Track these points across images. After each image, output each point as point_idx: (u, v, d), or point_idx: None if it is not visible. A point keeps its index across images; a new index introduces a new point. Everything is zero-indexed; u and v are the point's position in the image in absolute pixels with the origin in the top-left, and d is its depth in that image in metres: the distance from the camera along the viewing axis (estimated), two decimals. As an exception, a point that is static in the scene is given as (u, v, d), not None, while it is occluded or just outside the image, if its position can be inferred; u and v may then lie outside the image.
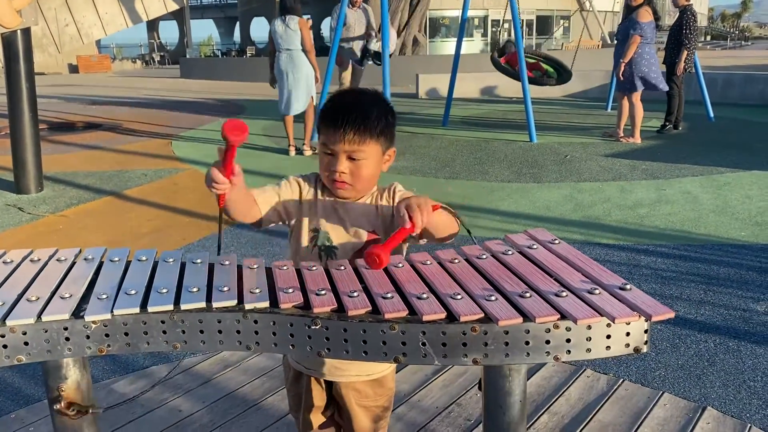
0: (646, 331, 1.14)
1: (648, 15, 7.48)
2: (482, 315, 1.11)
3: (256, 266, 1.36)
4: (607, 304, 1.10)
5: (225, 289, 1.23)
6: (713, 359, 2.86)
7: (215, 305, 1.19)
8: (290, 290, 1.23)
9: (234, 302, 1.19)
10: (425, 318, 1.12)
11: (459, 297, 1.16)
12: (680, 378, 2.71)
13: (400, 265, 1.34)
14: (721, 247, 4.23)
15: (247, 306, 1.18)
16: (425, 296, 1.18)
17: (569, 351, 1.13)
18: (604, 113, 10.65)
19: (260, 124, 10.50)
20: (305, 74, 7.42)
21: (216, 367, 2.86)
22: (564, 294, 1.14)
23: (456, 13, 22.63)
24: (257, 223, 1.58)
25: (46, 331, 1.17)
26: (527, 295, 1.14)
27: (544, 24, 31.93)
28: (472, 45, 28.60)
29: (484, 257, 1.36)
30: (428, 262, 1.34)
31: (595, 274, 1.23)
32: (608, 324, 1.11)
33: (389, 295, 1.19)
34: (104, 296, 1.22)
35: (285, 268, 1.34)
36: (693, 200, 5.32)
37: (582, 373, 2.73)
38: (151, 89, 18.88)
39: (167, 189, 6.29)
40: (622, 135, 8.05)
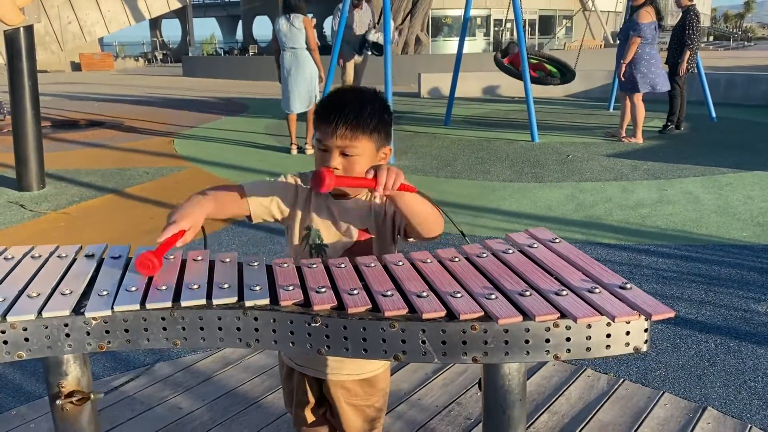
0: (647, 331, 1.14)
1: (649, 16, 7.48)
2: (482, 313, 1.11)
3: (257, 264, 1.36)
4: (608, 303, 1.10)
5: (225, 286, 1.23)
6: (714, 359, 2.86)
7: (215, 302, 1.19)
8: (290, 287, 1.23)
9: (234, 299, 1.19)
10: (425, 316, 1.12)
11: (459, 295, 1.16)
12: (681, 378, 2.71)
13: (401, 263, 1.34)
14: (723, 248, 4.22)
15: (248, 303, 1.18)
16: (425, 294, 1.18)
17: (569, 350, 1.13)
18: (606, 113, 10.64)
19: (262, 123, 10.51)
20: (309, 73, 7.43)
21: (216, 365, 2.86)
22: (564, 293, 1.14)
23: (458, 13, 22.61)
24: (248, 218, 1.58)
25: (47, 328, 1.17)
26: (527, 294, 1.14)
27: (547, 24, 31.89)
28: (475, 44, 28.58)
29: (485, 256, 1.36)
30: (428, 261, 1.34)
31: (596, 273, 1.23)
32: (608, 323, 1.11)
33: (389, 293, 1.19)
34: (105, 293, 1.22)
35: (285, 266, 1.34)
36: (694, 200, 5.32)
37: (582, 373, 2.73)
38: (154, 87, 18.89)
39: (169, 187, 6.29)
40: (624, 135, 8.05)
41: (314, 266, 1.34)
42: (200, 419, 2.46)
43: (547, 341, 1.12)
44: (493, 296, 1.15)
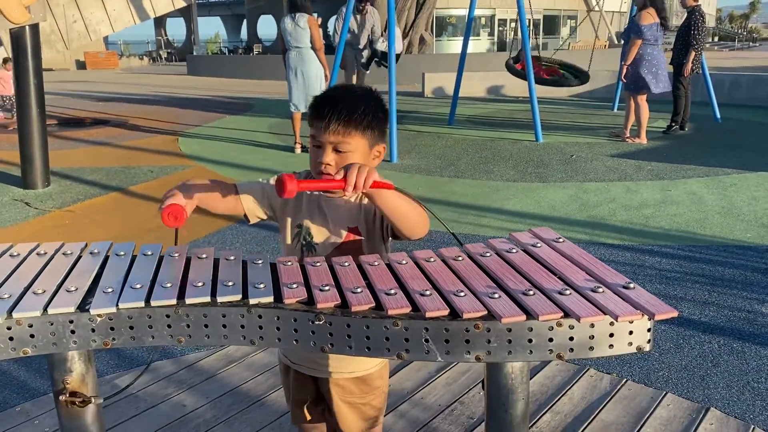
0: (650, 330, 1.14)
1: (650, 17, 7.48)
2: (485, 312, 1.11)
3: (261, 262, 1.36)
4: (611, 303, 1.10)
5: (230, 284, 1.23)
6: (717, 360, 2.85)
7: (220, 300, 1.19)
8: (294, 286, 1.23)
9: (238, 297, 1.20)
10: (428, 315, 1.12)
11: (462, 294, 1.17)
12: (684, 378, 2.71)
13: (404, 262, 1.34)
14: (727, 249, 4.21)
15: (252, 301, 1.19)
16: (428, 293, 1.18)
17: (572, 349, 1.13)
18: (611, 113, 10.62)
19: (267, 122, 10.52)
20: (314, 72, 7.44)
21: (219, 363, 2.87)
22: (567, 292, 1.14)
23: (463, 12, 22.58)
24: (245, 218, 1.61)
25: (52, 324, 1.17)
26: (531, 293, 1.15)
27: (551, 24, 31.85)
28: (479, 44, 28.57)
29: (488, 255, 1.36)
30: (432, 259, 1.35)
31: (599, 273, 1.23)
32: (611, 322, 1.11)
33: (393, 292, 1.19)
34: (110, 290, 1.23)
35: (289, 264, 1.34)
36: (698, 201, 5.31)
37: (585, 373, 2.73)
38: (158, 86, 18.93)
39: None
40: (629, 135, 8.04)
41: (318, 264, 1.34)
42: (203, 417, 2.47)
43: (551, 340, 1.12)
44: (497, 295, 1.15)
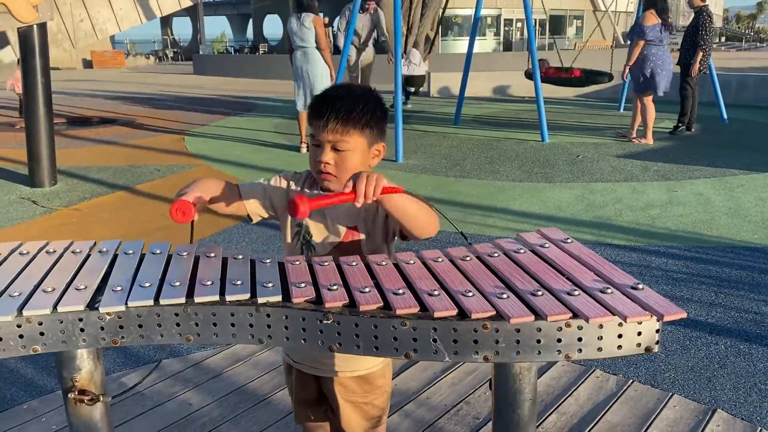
0: (658, 331, 1.14)
1: (653, 18, 7.47)
2: (494, 312, 1.11)
3: (269, 261, 1.37)
4: (619, 304, 1.10)
5: (238, 283, 1.24)
6: (724, 362, 2.85)
7: (228, 298, 1.20)
8: (303, 285, 1.23)
9: (247, 296, 1.20)
10: (436, 315, 1.12)
11: (470, 294, 1.17)
12: (690, 380, 2.70)
13: (411, 262, 1.34)
14: (733, 250, 4.20)
15: (260, 300, 1.19)
16: (437, 293, 1.18)
17: (580, 350, 1.13)
18: (617, 113, 10.60)
19: (272, 121, 10.54)
20: (320, 72, 7.43)
21: (226, 362, 2.87)
22: (576, 293, 1.14)
23: (468, 12, 22.55)
24: (247, 218, 1.62)
25: (62, 322, 1.18)
26: (539, 294, 1.15)
27: (557, 23, 31.80)
28: (485, 44, 28.53)
29: (496, 255, 1.36)
30: (439, 259, 1.35)
31: (608, 274, 1.22)
32: (620, 323, 1.11)
33: (401, 291, 1.19)
34: (119, 288, 1.23)
35: (297, 263, 1.35)
36: (705, 202, 5.29)
37: (591, 374, 2.72)
38: (164, 85, 18.97)
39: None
40: (635, 136, 8.02)
41: (326, 264, 1.34)
42: (210, 415, 2.47)
43: (559, 341, 1.12)
44: (505, 295, 1.15)
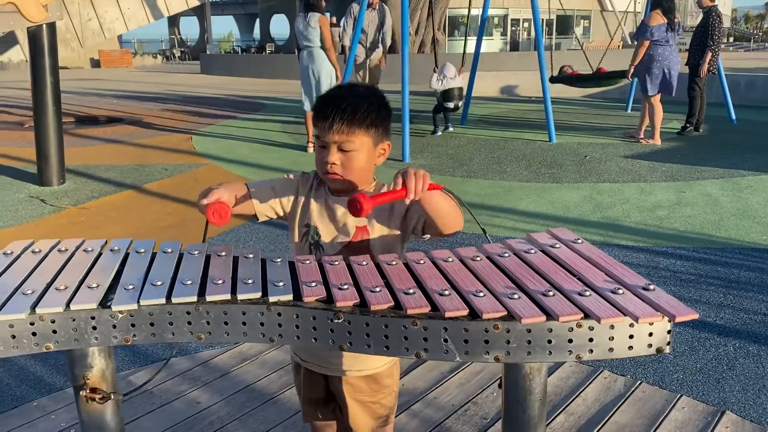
0: (669, 332, 1.13)
1: (658, 18, 7.45)
2: (505, 313, 1.11)
3: (279, 260, 1.37)
4: (631, 304, 1.10)
5: (249, 282, 1.24)
6: (733, 363, 2.83)
7: (240, 297, 1.20)
8: (313, 284, 1.24)
9: (258, 295, 1.20)
10: (447, 314, 1.12)
11: (481, 294, 1.17)
12: (699, 381, 2.69)
13: (422, 262, 1.34)
14: (742, 251, 4.18)
15: (271, 299, 1.19)
16: (447, 293, 1.18)
17: (591, 350, 1.12)
18: (624, 114, 10.57)
19: (280, 121, 10.55)
20: (326, 72, 7.43)
21: (233, 360, 2.88)
22: (587, 293, 1.14)
23: (475, 12, 22.54)
24: (254, 217, 1.62)
25: (74, 320, 1.18)
26: (550, 294, 1.14)
27: (564, 23, 31.75)
28: (492, 44, 28.50)
29: (507, 255, 1.36)
30: (450, 259, 1.35)
31: (618, 274, 1.22)
32: (631, 324, 1.11)
33: (411, 291, 1.19)
34: (131, 287, 1.24)
35: (308, 262, 1.35)
36: (713, 203, 5.27)
37: (599, 374, 2.72)
38: (172, 84, 19.03)
39: (187, 184, 6.34)
40: (643, 136, 7.99)
41: (336, 263, 1.35)
42: (217, 414, 2.48)
43: (570, 341, 1.12)
44: (516, 296, 1.15)
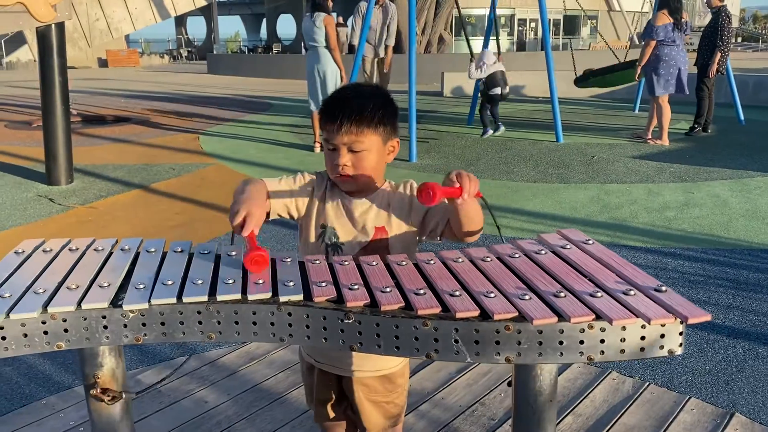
0: (681, 334, 1.13)
1: (665, 18, 7.43)
2: (516, 314, 1.11)
3: (289, 260, 1.37)
4: (642, 306, 1.10)
5: (260, 282, 1.24)
6: (742, 365, 2.82)
7: (250, 297, 1.20)
8: (323, 284, 1.24)
9: (269, 295, 1.20)
10: (458, 315, 1.12)
11: (492, 295, 1.16)
12: (707, 383, 2.68)
13: (432, 262, 1.34)
14: (751, 252, 4.16)
15: (282, 299, 1.20)
16: (458, 293, 1.18)
17: (603, 351, 1.12)
18: (632, 114, 10.54)
19: (286, 121, 10.56)
20: (331, 71, 7.44)
21: (241, 360, 2.89)
22: (599, 294, 1.13)
23: (482, 12, 22.51)
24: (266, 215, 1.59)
25: (86, 319, 1.19)
26: (562, 295, 1.14)
27: (571, 23, 31.68)
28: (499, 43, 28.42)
29: (517, 256, 1.35)
30: (460, 260, 1.34)
31: (630, 275, 1.22)
32: (643, 325, 1.10)
33: (422, 292, 1.19)
34: (141, 286, 1.24)
35: (318, 262, 1.35)
36: (722, 204, 5.24)
37: (607, 376, 2.71)
38: (179, 84, 19.08)
39: (195, 183, 6.36)
40: (650, 137, 7.96)
41: (346, 263, 1.34)
42: (225, 413, 2.48)
43: (581, 342, 1.11)
44: (527, 297, 1.15)
